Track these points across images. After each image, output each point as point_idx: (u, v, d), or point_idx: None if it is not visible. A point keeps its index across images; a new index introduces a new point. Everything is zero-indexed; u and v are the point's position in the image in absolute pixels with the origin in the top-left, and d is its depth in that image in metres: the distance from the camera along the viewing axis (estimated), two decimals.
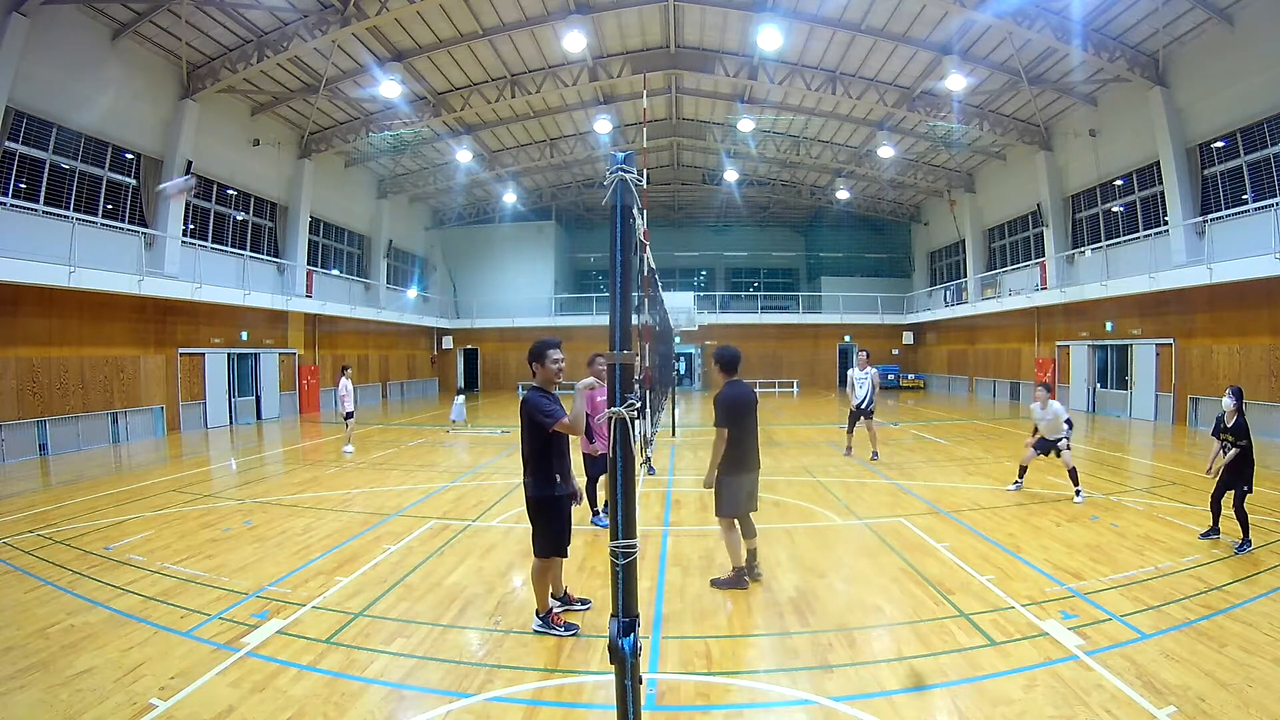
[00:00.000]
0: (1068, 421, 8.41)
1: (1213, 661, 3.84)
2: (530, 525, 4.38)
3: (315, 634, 4.40)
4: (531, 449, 4.27)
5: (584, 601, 4.86)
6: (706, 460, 5.59)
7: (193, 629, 4.47)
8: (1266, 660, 3.84)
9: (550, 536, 4.32)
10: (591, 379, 5.17)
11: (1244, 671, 3.72)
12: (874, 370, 11.66)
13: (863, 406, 11.49)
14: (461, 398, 16.93)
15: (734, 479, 5.29)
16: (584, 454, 6.82)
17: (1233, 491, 6.09)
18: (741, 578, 5.29)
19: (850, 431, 11.89)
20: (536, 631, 4.42)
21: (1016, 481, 8.79)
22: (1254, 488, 6.14)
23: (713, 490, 5.35)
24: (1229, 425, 6.16)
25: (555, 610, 4.52)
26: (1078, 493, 8.03)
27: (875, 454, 11.33)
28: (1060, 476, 9.63)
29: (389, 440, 14.46)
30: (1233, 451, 6.06)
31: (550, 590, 4.58)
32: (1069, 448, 8.27)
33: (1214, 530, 6.33)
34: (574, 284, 35.91)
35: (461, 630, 4.52)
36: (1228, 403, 6.23)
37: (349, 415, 13.03)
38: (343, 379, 13.11)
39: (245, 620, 4.61)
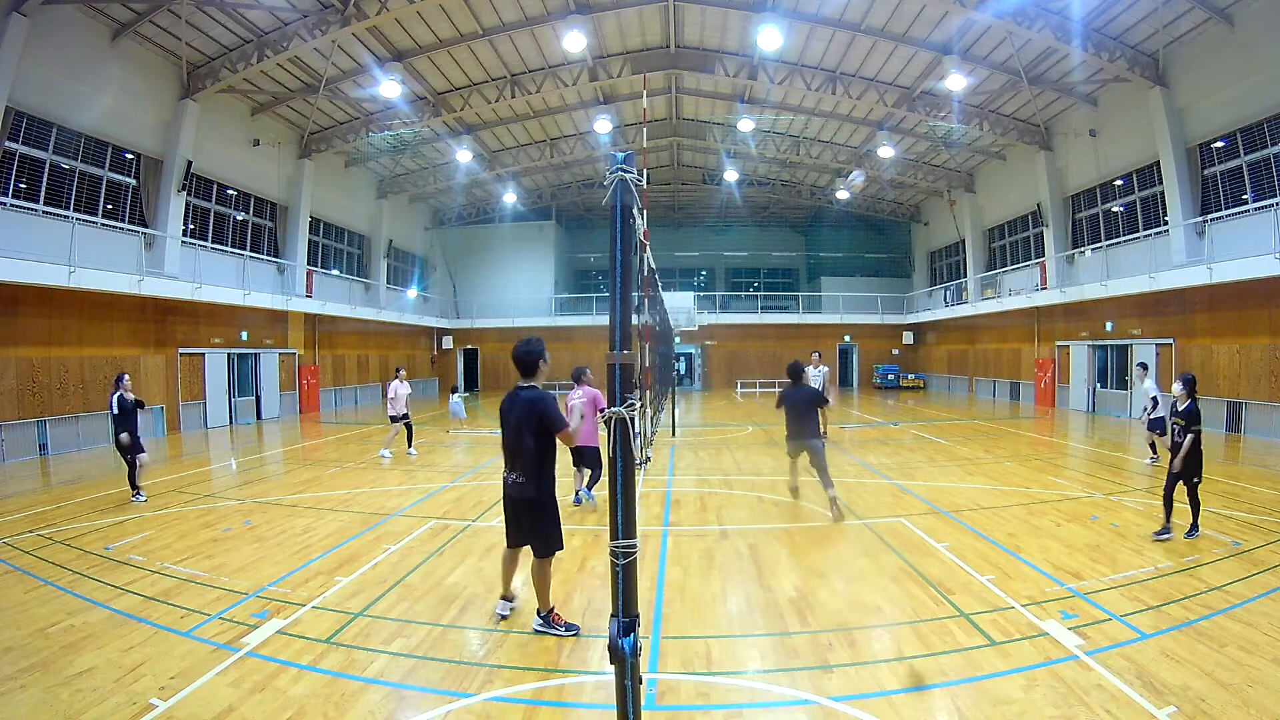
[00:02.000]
0: (1154, 399, 9.64)
1: (1213, 661, 3.84)
2: (528, 526, 4.38)
3: (315, 634, 4.40)
4: (537, 450, 4.26)
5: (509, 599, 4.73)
6: (706, 459, 6.11)
7: (193, 629, 4.47)
8: (1266, 660, 3.84)
9: (554, 536, 4.37)
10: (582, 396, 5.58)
11: (1244, 671, 3.72)
12: (825, 368, 13.10)
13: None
14: (457, 395, 16.79)
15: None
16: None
17: (1183, 483, 6.26)
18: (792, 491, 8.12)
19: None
20: (537, 631, 4.42)
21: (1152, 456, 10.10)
22: (1203, 477, 6.34)
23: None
24: (1179, 409, 6.32)
25: (553, 609, 4.53)
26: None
27: (824, 433, 12.63)
28: (1060, 476, 9.65)
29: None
30: (1188, 438, 6.14)
31: (505, 586, 4.67)
32: (1152, 430, 9.75)
33: (1166, 530, 6.31)
34: (574, 284, 35.92)
35: (461, 630, 4.52)
36: (1177, 388, 6.49)
37: (395, 419, 12.34)
38: (394, 380, 12.60)
39: (245, 620, 4.62)
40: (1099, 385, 19.10)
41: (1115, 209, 18.84)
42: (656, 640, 4.30)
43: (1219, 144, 14.93)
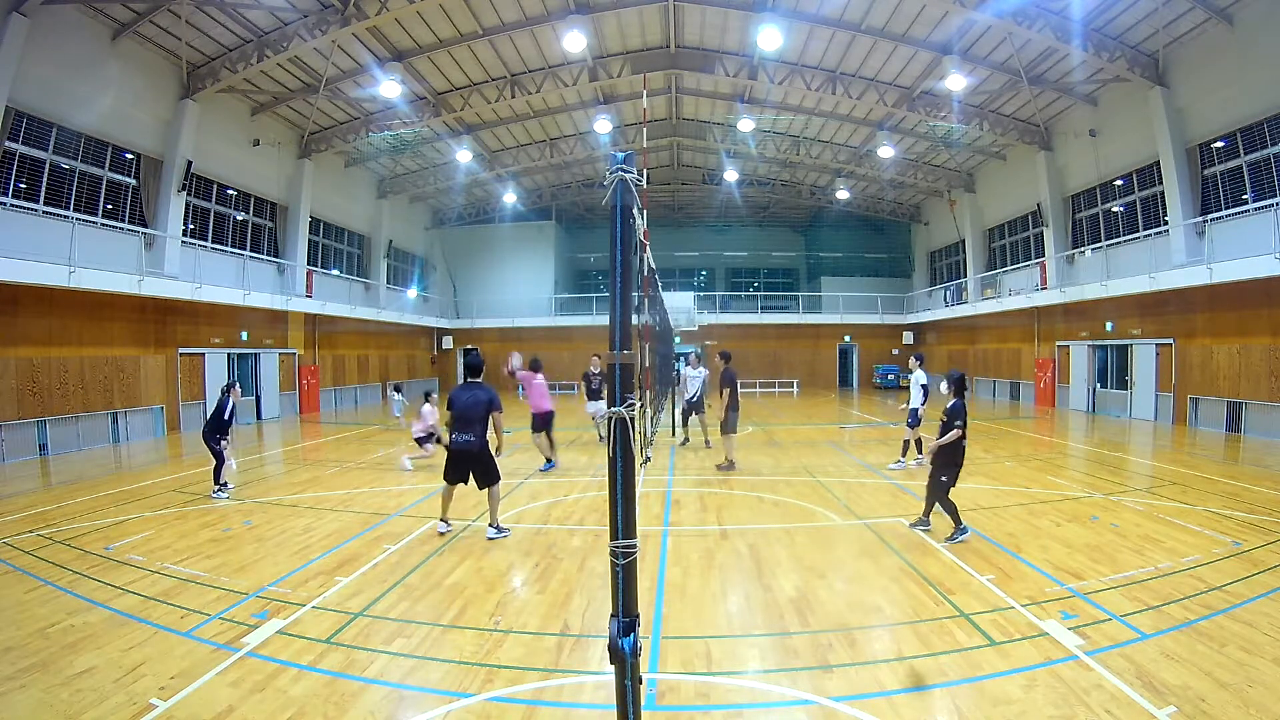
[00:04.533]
0: (923, 388, 10.30)
1: (1213, 661, 3.84)
2: (481, 469, 6.53)
3: (315, 634, 4.41)
4: (484, 422, 6.52)
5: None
6: (708, 463, 7.57)
7: (193, 629, 4.47)
8: (1266, 660, 3.84)
9: (496, 471, 6.65)
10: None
11: (1244, 671, 3.72)
12: (705, 371, 12.87)
13: (692, 401, 12.62)
14: (399, 394, 16.66)
15: (734, 414, 10.20)
16: (536, 414, 10.34)
17: (931, 478, 6.40)
18: (732, 466, 10.09)
19: (685, 425, 13.16)
20: (490, 539, 6.52)
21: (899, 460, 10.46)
22: (956, 482, 6.38)
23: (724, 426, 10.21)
24: (946, 406, 6.37)
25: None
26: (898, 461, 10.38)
27: (708, 442, 12.61)
28: (1059, 476, 9.65)
29: (389, 440, 14.46)
30: (953, 433, 6.22)
31: (444, 511, 6.80)
32: (908, 422, 10.32)
33: (925, 520, 6.62)
34: (574, 284, 35.92)
35: (461, 630, 4.52)
36: (943, 387, 6.64)
37: (423, 439, 11.29)
38: (426, 405, 11.49)
39: (245, 620, 4.62)
40: (1099, 385, 19.10)
41: (1115, 209, 18.84)
42: (656, 640, 4.30)
43: (1219, 144, 14.93)
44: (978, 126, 20.48)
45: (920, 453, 10.46)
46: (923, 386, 10.39)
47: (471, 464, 6.50)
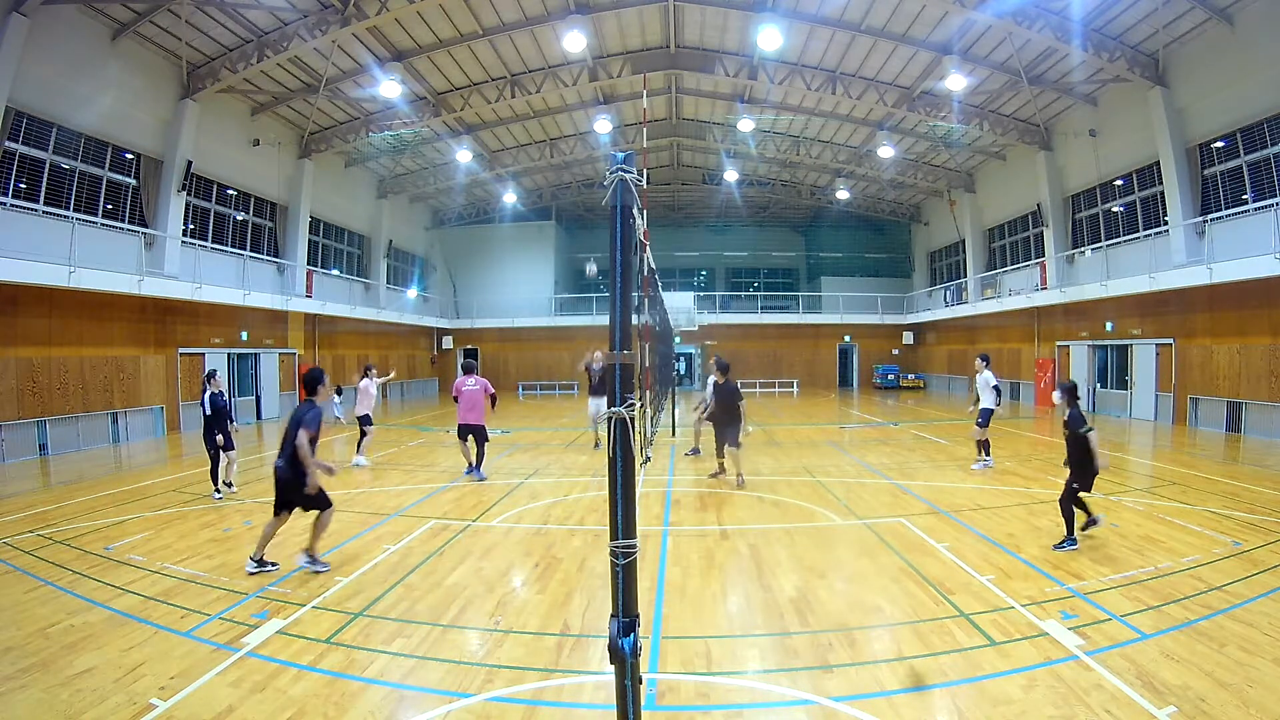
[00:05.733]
0: (995, 388, 10.34)
1: (1213, 661, 3.84)
2: (302, 496, 5.54)
3: (315, 634, 4.40)
4: (294, 444, 5.51)
5: (274, 564, 5.74)
6: (706, 459, 7.00)
7: (193, 629, 4.47)
8: (1266, 660, 3.84)
9: (320, 498, 5.63)
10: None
11: (1244, 671, 3.72)
12: (712, 377, 11.76)
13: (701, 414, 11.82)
14: (339, 397, 16.61)
15: (737, 426, 9.19)
16: (462, 424, 9.89)
17: (1073, 486, 6.13)
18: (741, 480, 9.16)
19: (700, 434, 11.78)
20: (302, 566, 5.57)
21: (981, 460, 10.29)
22: (1090, 488, 6.16)
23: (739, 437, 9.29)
24: (1065, 419, 6.25)
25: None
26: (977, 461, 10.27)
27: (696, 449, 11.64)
28: (1060, 476, 9.62)
29: (389, 440, 14.45)
30: (1091, 436, 6.04)
31: (260, 548, 5.66)
32: (979, 422, 10.19)
33: (1071, 538, 6.09)
34: (574, 284, 35.91)
35: (461, 630, 4.52)
36: (1056, 397, 6.52)
37: (364, 419, 11.16)
38: (365, 379, 11.32)
39: (245, 620, 4.62)
40: (1099, 385, 19.09)
41: (1115, 209, 18.84)
42: (656, 640, 4.30)
43: (1219, 144, 14.93)
44: (978, 126, 20.48)
45: (982, 454, 10.32)
46: (994, 388, 10.29)
47: (288, 490, 5.58)
